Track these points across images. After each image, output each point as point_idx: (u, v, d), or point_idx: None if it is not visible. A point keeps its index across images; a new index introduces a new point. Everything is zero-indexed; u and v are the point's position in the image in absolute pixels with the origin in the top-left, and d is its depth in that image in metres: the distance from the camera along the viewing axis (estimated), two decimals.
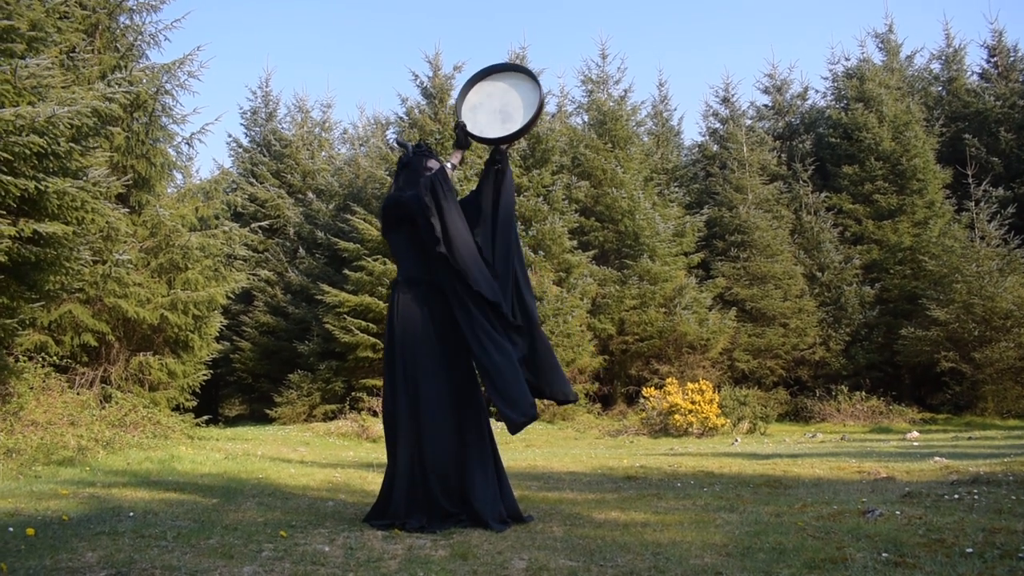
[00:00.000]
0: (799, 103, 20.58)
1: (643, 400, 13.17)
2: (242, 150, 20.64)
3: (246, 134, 21.09)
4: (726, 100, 20.52)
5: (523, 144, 16.37)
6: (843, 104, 18.91)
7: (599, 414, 15.16)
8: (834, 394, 14.86)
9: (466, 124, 3.88)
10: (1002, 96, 18.20)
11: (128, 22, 9.75)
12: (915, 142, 16.83)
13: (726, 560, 2.74)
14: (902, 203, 16.83)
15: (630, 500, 4.31)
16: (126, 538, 3.05)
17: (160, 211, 9.32)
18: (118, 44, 9.49)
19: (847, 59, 20.07)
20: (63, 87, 6.69)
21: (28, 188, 5.73)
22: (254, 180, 19.00)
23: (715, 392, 12.77)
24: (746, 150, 18.31)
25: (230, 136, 28.03)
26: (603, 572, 2.62)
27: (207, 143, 72.05)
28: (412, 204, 3.63)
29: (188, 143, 10.46)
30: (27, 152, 5.62)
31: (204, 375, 10.45)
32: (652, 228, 16.09)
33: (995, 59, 19.35)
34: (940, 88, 20.12)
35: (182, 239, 9.46)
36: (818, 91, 25.60)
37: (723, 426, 12.24)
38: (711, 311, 15.83)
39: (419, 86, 16.62)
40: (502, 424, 3.66)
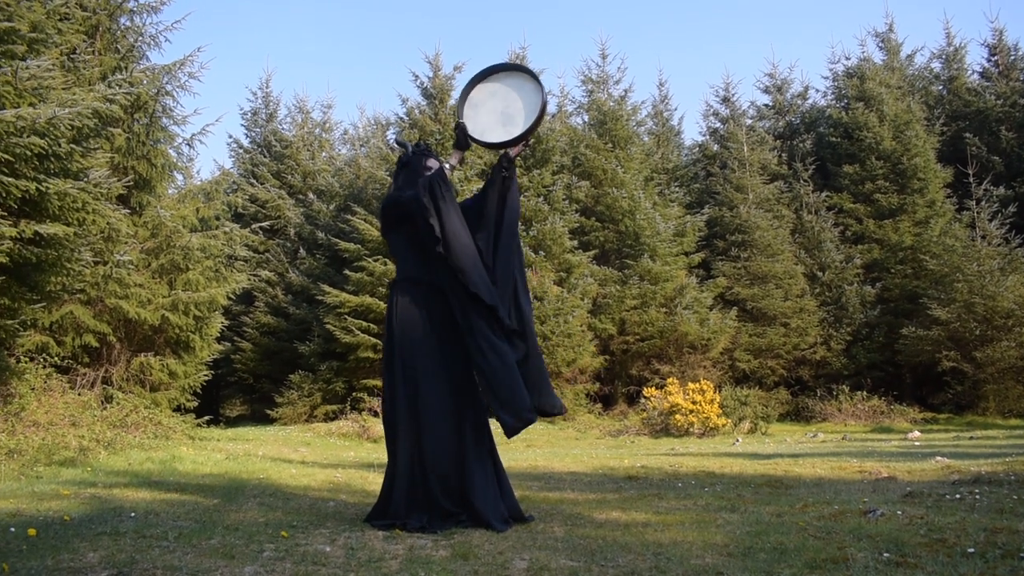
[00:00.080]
0: (799, 102, 20.56)
1: (644, 400, 13.17)
2: (242, 151, 20.64)
3: (246, 135, 21.10)
4: (726, 100, 20.50)
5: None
6: (844, 103, 18.90)
7: (600, 414, 15.16)
8: (835, 394, 14.85)
9: (467, 124, 3.85)
10: (1003, 95, 18.19)
11: (128, 23, 9.76)
12: (916, 141, 16.82)
13: (727, 560, 2.74)
14: (903, 202, 16.81)
15: (631, 500, 4.31)
16: (128, 538, 3.05)
17: (161, 212, 9.33)
18: (119, 45, 9.50)
19: (847, 58, 20.11)
20: (64, 88, 6.69)
21: (29, 189, 5.73)
22: (255, 181, 19.01)
23: (716, 392, 12.77)
24: (746, 150, 18.30)
25: (230, 137, 28.02)
26: (604, 572, 2.62)
27: (208, 144, 72.15)
28: (411, 204, 3.62)
29: (189, 144, 10.47)
30: (28, 153, 5.63)
31: (205, 376, 10.46)
32: (653, 228, 16.09)
33: (996, 58, 19.34)
34: (941, 87, 20.12)
35: (183, 240, 9.47)
36: (818, 90, 25.59)
37: (724, 426, 12.24)
38: (712, 311, 15.82)
39: (419, 86, 16.63)
40: None
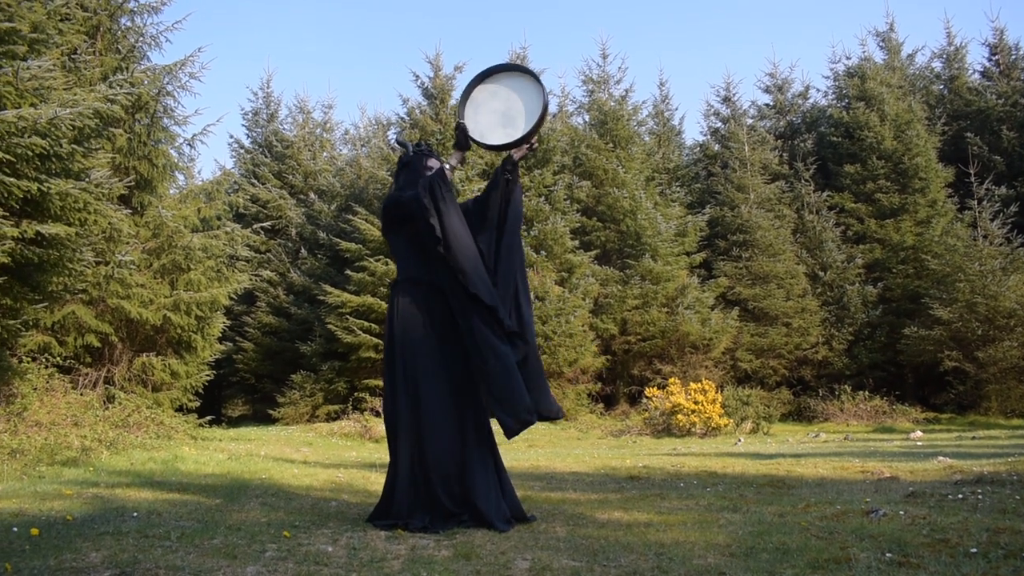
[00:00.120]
0: (800, 102, 20.53)
1: (646, 400, 13.17)
2: (244, 151, 20.64)
3: (248, 135, 21.10)
4: (727, 99, 20.48)
5: None
6: (844, 103, 18.88)
7: (602, 414, 15.16)
8: (837, 394, 14.85)
9: (467, 124, 3.84)
10: (1004, 94, 18.16)
11: (129, 24, 9.76)
12: (917, 141, 16.80)
13: (729, 560, 2.74)
14: (904, 202, 16.80)
15: (633, 500, 4.30)
16: (130, 538, 3.05)
17: (162, 212, 9.33)
18: (119, 46, 9.50)
19: (848, 58, 20.07)
20: (65, 89, 6.69)
21: (31, 189, 5.73)
22: (256, 181, 19.02)
23: (718, 392, 12.76)
24: (748, 149, 18.29)
25: (232, 137, 27.98)
26: (606, 572, 2.61)
27: (209, 144, 72.08)
28: (411, 205, 3.61)
29: (190, 144, 10.47)
30: (29, 154, 5.63)
31: (207, 376, 10.45)
32: (654, 228, 16.08)
33: (996, 57, 19.31)
34: (942, 87, 20.09)
35: (184, 240, 9.47)
36: (819, 90, 25.51)
37: (726, 426, 12.23)
38: (713, 311, 15.81)
39: (420, 87, 16.64)
40: None
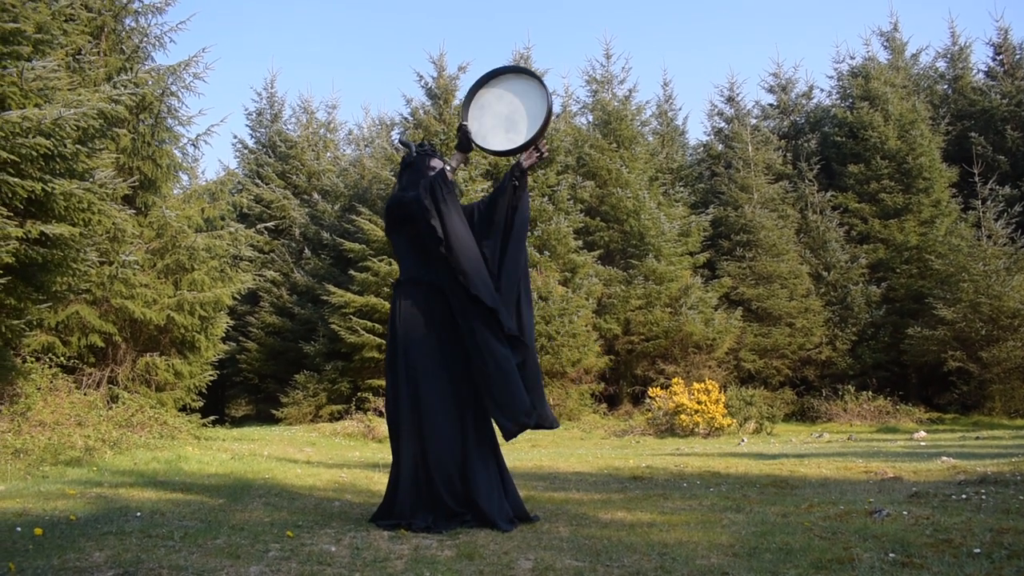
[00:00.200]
0: (804, 102, 20.52)
1: (649, 400, 13.16)
2: (247, 151, 20.68)
3: (251, 135, 21.15)
4: (731, 99, 20.46)
5: None
6: (848, 103, 18.86)
7: (605, 414, 15.15)
8: (840, 394, 14.82)
9: (470, 125, 3.82)
10: (1008, 94, 18.11)
11: (133, 24, 9.79)
12: (921, 141, 16.77)
13: (732, 560, 2.73)
14: (908, 202, 16.77)
15: (636, 500, 4.30)
16: (133, 538, 3.06)
17: (166, 212, 9.35)
18: (124, 46, 9.53)
19: (852, 58, 20.03)
20: (69, 89, 6.71)
21: (35, 190, 5.75)
22: (259, 181, 19.05)
23: (721, 392, 12.75)
24: (751, 149, 18.27)
25: (235, 137, 28.00)
26: (609, 572, 2.61)
27: (213, 144, 71.97)
28: (412, 206, 3.61)
29: (194, 144, 10.50)
30: (34, 154, 5.64)
31: (210, 376, 10.47)
32: (657, 228, 16.07)
33: (1001, 57, 19.26)
34: (946, 86, 20.05)
35: (188, 240, 9.49)
36: (823, 90, 25.57)
37: (729, 426, 12.22)
38: (717, 311, 15.80)
39: (424, 87, 16.65)
40: None
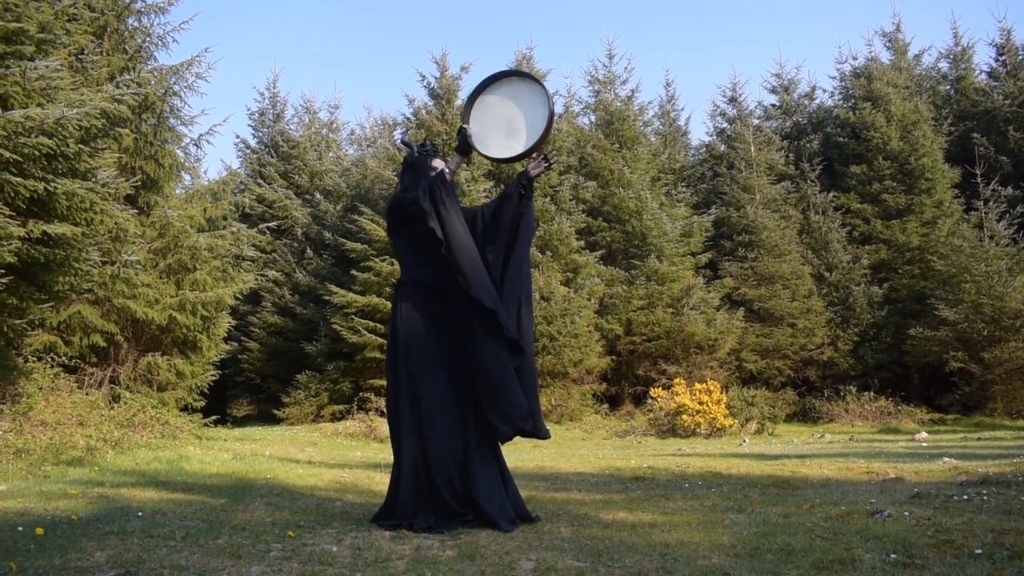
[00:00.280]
0: (806, 102, 20.50)
1: (651, 401, 13.16)
2: (250, 151, 20.70)
3: (254, 135, 21.17)
4: (733, 100, 20.45)
5: None
6: (851, 103, 18.84)
7: (606, 415, 15.16)
8: (842, 394, 14.81)
9: (470, 127, 3.80)
10: (1011, 95, 18.08)
11: (136, 24, 9.81)
12: (923, 141, 16.75)
13: (734, 561, 2.73)
14: (910, 203, 16.75)
15: (638, 501, 4.30)
16: (135, 538, 3.06)
17: (168, 212, 9.36)
18: (126, 46, 9.54)
19: (855, 58, 20.00)
20: (72, 89, 6.72)
21: (37, 189, 5.76)
22: (262, 181, 19.07)
23: (723, 393, 12.74)
24: (753, 150, 18.26)
25: (238, 137, 28.08)
26: (611, 573, 2.61)
27: (215, 144, 72.24)
28: (412, 207, 3.59)
29: (196, 144, 10.52)
30: (36, 153, 5.65)
31: (212, 375, 10.48)
32: (659, 228, 16.07)
33: (1003, 57, 19.23)
34: (948, 87, 20.02)
35: (190, 240, 9.50)
36: (825, 90, 25.60)
37: (731, 427, 12.22)
38: (719, 311, 15.79)
39: (426, 87, 16.66)
40: None
